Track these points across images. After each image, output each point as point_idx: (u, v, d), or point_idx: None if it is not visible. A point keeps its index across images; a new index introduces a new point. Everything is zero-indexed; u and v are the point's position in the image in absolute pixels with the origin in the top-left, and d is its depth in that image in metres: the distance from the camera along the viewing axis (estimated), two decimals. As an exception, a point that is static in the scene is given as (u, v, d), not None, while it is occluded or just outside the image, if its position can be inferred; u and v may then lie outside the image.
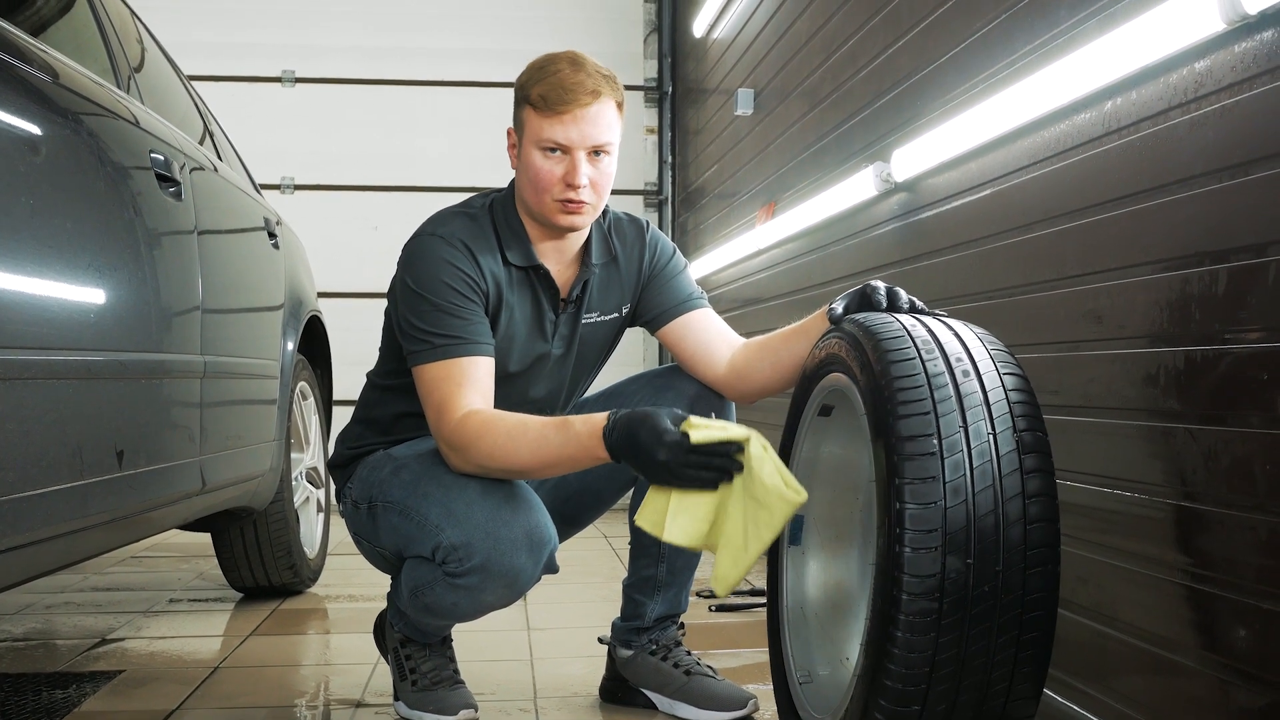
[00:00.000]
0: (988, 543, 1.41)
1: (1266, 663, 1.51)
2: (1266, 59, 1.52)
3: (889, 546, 1.42)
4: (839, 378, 1.68)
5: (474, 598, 1.93)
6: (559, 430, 1.81)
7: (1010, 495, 1.43)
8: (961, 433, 1.44)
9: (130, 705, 2.28)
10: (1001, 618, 1.41)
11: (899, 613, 1.40)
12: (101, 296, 1.93)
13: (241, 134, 4.05)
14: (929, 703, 1.42)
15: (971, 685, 1.43)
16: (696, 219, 5.52)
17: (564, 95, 1.91)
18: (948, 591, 1.40)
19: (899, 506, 1.41)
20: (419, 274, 1.96)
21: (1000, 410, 1.48)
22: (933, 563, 1.40)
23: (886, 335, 1.56)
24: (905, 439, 1.44)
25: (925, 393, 1.47)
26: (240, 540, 3.24)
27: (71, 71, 2.03)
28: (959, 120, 2.40)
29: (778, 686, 1.87)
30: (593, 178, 1.95)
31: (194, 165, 2.54)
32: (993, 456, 1.44)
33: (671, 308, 2.14)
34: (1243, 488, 1.55)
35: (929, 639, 1.40)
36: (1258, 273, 1.52)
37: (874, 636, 1.45)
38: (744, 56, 4.55)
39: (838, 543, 1.96)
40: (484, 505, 1.89)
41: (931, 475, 1.42)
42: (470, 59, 5.88)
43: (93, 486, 1.85)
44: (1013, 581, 1.42)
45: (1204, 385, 1.64)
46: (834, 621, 1.92)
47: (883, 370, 1.51)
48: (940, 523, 1.40)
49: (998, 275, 2.28)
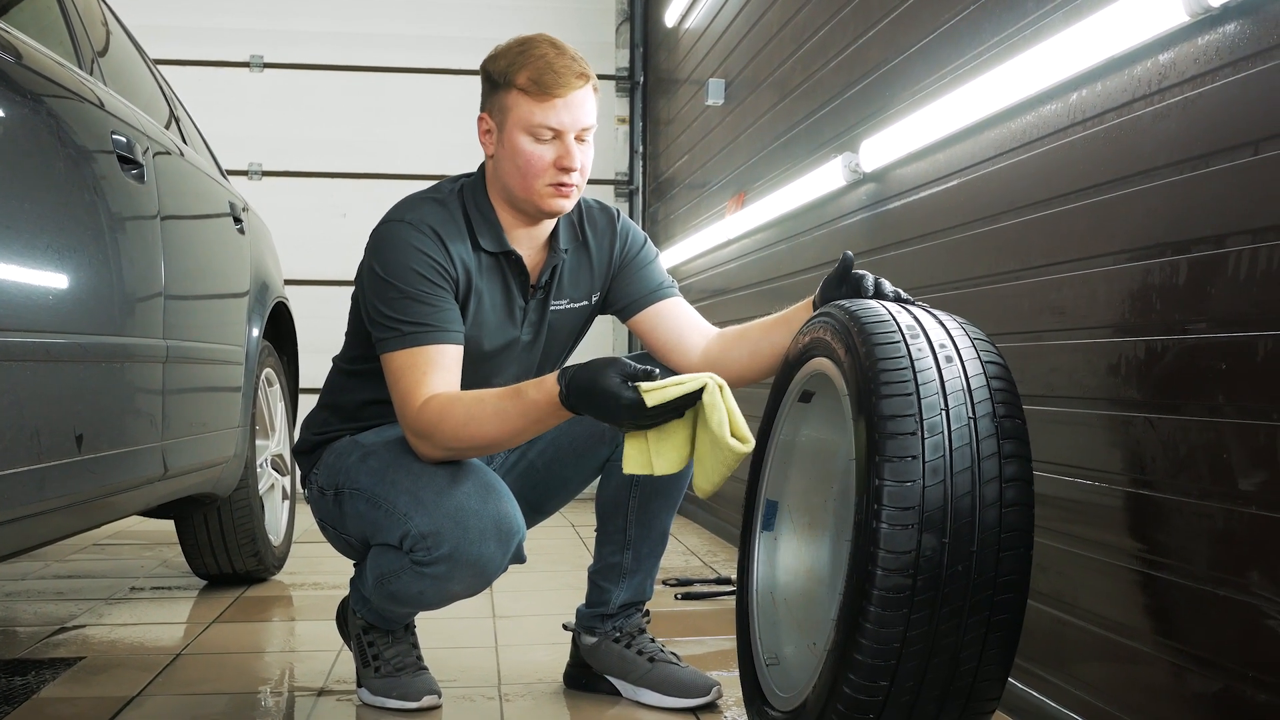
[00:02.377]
0: (963, 523, 1.43)
1: (1220, 649, 1.53)
2: (1229, 51, 1.53)
3: (866, 522, 1.44)
4: (822, 362, 1.69)
5: (441, 586, 1.93)
6: (514, 399, 1.82)
7: (988, 478, 1.45)
8: (943, 415, 1.46)
9: (90, 692, 2.26)
10: (974, 598, 1.43)
11: (873, 588, 1.41)
12: (61, 278, 1.91)
13: (209, 119, 4.01)
14: (898, 678, 1.44)
15: (941, 663, 1.44)
16: (667, 209, 5.52)
17: (555, 79, 1.90)
18: (922, 569, 1.41)
19: (878, 483, 1.43)
20: (387, 261, 1.95)
21: (981, 396, 1.50)
22: (909, 539, 1.41)
23: (871, 319, 1.58)
24: (887, 418, 1.46)
25: (909, 374, 1.49)
26: (204, 527, 3.21)
27: (33, 52, 2.00)
28: (927, 111, 2.41)
29: (744, 669, 1.88)
30: (582, 161, 1.95)
31: (158, 149, 2.52)
32: (972, 440, 1.46)
33: (643, 296, 2.14)
34: (1199, 476, 1.57)
35: (901, 614, 1.41)
36: (1217, 264, 1.53)
37: (847, 611, 1.46)
38: (715, 47, 4.55)
39: (811, 530, 1.97)
40: (453, 494, 1.89)
41: (912, 454, 1.43)
42: (440, 46, 5.84)
43: (51, 470, 1.83)
44: (986, 563, 1.44)
45: (1164, 375, 1.65)
46: (803, 608, 1.93)
47: (867, 352, 1.53)
48: (918, 500, 1.42)
49: (964, 265, 2.29)
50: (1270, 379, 1.43)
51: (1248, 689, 1.48)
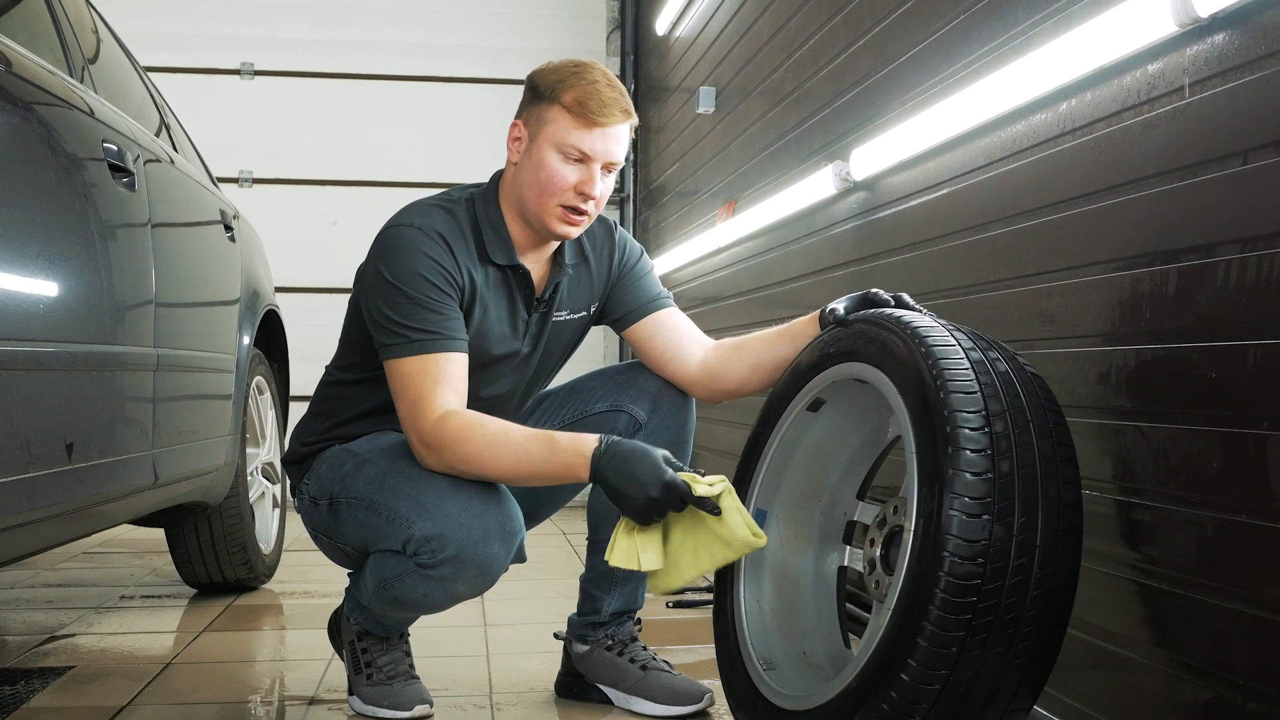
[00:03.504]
0: (1029, 518, 1.47)
1: (1212, 657, 1.54)
2: (1217, 61, 1.54)
3: (936, 511, 1.46)
4: (857, 367, 1.73)
5: (446, 588, 1.93)
6: (543, 445, 1.83)
7: (1048, 477, 1.50)
8: (1005, 415, 1.51)
9: (80, 701, 2.25)
10: (1034, 591, 1.46)
11: (942, 573, 1.44)
12: (52, 287, 1.90)
13: (199, 126, 4.01)
14: (958, 667, 1.45)
15: (997, 655, 1.47)
16: (657, 217, 5.53)
17: (601, 107, 1.92)
18: (991, 559, 1.44)
19: (952, 473, 1.46)
20: (395, 265, 1.94)
21: (1033, 399, 1.55)
22: (981, 529, 1.44)
23: (922, 325, 1.65)
24: (956, 412, 1.49)
25: (971, 374, 1.54)
26: (194, 536, 3.20)
27: (24, 60, 2.00)
28: (917, 120, 2.42)
29: (734, 674, 1.87)
30: (601, 192, 1.96)
31: (149, 156, 2.51)
32: (1032, 439, 1.51)
33: (639, 307, 2.15)
34: (1189, 484, 1.57)
35: (969, 602, 1.44)
36: (1207, 272, 1.54)
37: (908, 599, 1.47)
38: (706, 55, 4.56)
39: (796, 540, 1.97)
40: (454, 497, 1.89)
41: (983, 448, 1.47)
42: (431, 54, 5.84)
43: (41, 479, 1.82)
44: (1047, 560, 1.47)
45: (1154, 383, 1.66)
46: (786, 617, 1.93)
47: (926, 353, 1.58)
48: (991, 493, 1.45)
49: (954, 274, 2.30)
50: (1260, 387, 1.44)
51: (1239, 697, 1.48)
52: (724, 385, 2.08)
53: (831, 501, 1.98)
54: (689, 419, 2.16)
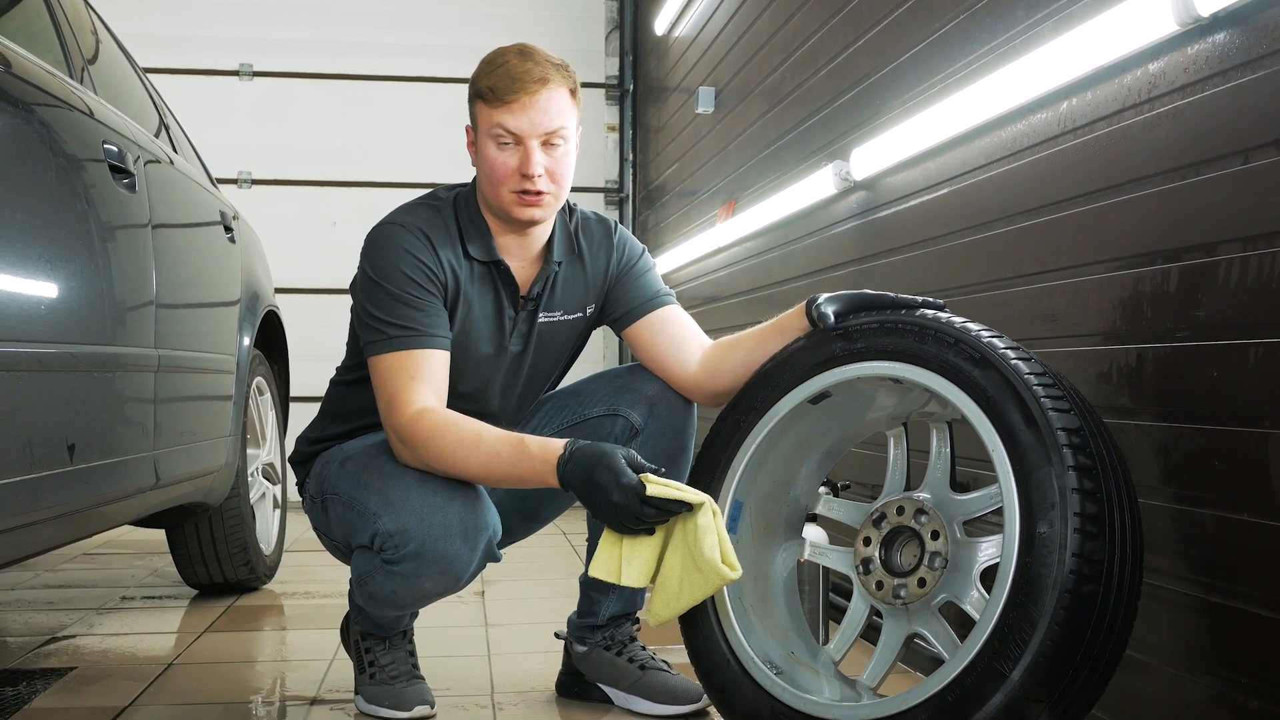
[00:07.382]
0: (1127, 529, 1.46)
1: (1214, 656, 1.54)
2: (1218, 60, 1.54)
3: (1057, 531, 1.43)
4: (898, 366, 1.69)
5: (411, 585, 1.92)
6: (512, 449, 1.82)
7: (1124, 488, 1.49)
8: (1089, 426, 1.49)
9: (81, 702, 2.25)
10: (1127, 595, 1.46)
11: (1066, 593, 1.41)
12: (53, 288, 1.90)
13: (198, 128, 4.00)
14: (1070, 683, 1.44)
15: (1101, 664, 1.46)
16: (657, 217, 5.53)
17: (511, 85, 1.90)
18: (1109, 578, 1.43)
19: (1075, 489, 1.43)
20: (378, 262, 1.96)
21: (1089, 408, 1.54)
22: (1100, 550, 1.43)
23: (979, 329, 1.61)
24: (1062, 430, 1.47)
25: (1059, 389, 1.52)
26: (195, 536, 3.20)
27: (24, 61, 2.00)
28: (918, 119, 2.42)
29: (730, 677, 1.80)
30: (549, 167, 1.94)
31: (149, 158, 2.51)
32: (1108, 450, 1.50)
33: (639, 305, 2.13)
34: (1191, 483, 1.57)
35: (1089, 620, 1.42)
36: (1208, 271, 1.54)
37: (1022, 614, 1.44)
38: (705, 55, 4.56)
39: (765, 534, 1.95)
40: (420, 492, 1.89)
41: (1092, 465, 1.45)
42: (430, 55, 5.84)
43: (43, 480, 1.82)
44: (1130, 572, 1.46)
45: (1155, 382, 1.66)
46: (763, 614, 1.91)
47: (1003, 362, 1.54)
48: (1105, 509, 1.44)
49: (955, 273, 2.30)
50: (1261, 386, 1.44)
51: (1241, 695, 1.48)
52: (722, 384, 2.06)
53: (798, 493, 1.96)
54: (689, 425, 2.12)
